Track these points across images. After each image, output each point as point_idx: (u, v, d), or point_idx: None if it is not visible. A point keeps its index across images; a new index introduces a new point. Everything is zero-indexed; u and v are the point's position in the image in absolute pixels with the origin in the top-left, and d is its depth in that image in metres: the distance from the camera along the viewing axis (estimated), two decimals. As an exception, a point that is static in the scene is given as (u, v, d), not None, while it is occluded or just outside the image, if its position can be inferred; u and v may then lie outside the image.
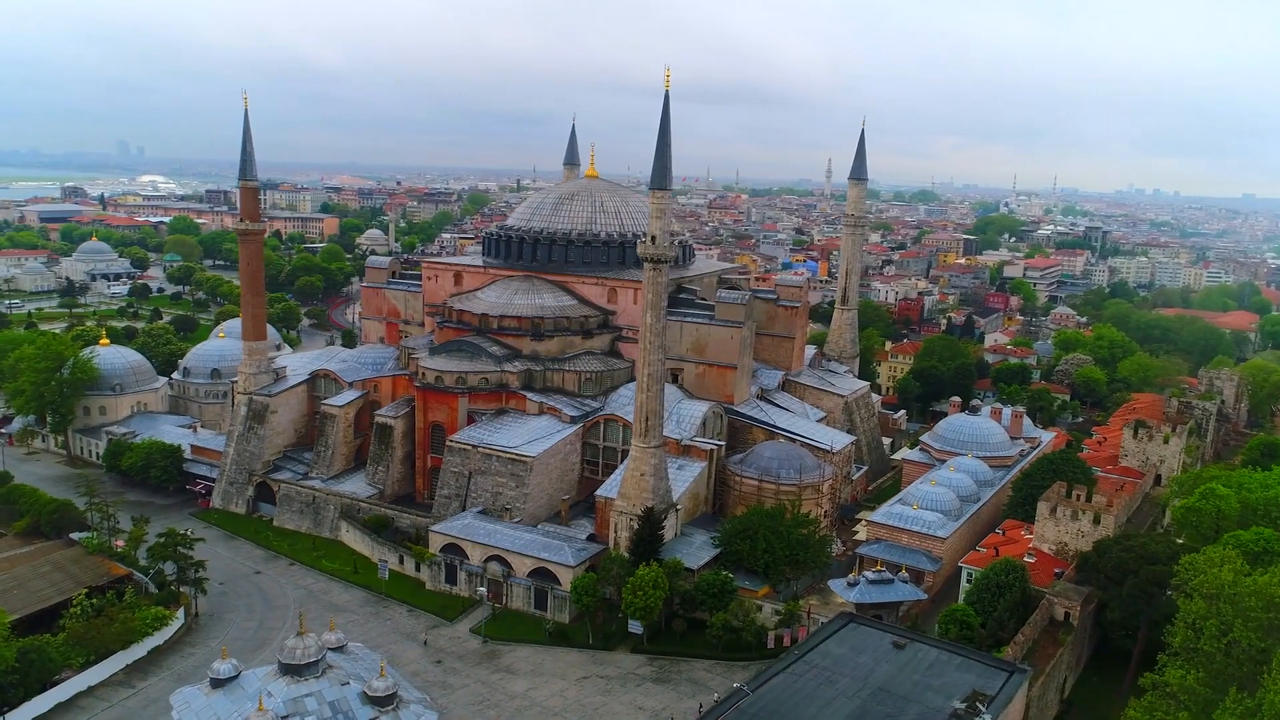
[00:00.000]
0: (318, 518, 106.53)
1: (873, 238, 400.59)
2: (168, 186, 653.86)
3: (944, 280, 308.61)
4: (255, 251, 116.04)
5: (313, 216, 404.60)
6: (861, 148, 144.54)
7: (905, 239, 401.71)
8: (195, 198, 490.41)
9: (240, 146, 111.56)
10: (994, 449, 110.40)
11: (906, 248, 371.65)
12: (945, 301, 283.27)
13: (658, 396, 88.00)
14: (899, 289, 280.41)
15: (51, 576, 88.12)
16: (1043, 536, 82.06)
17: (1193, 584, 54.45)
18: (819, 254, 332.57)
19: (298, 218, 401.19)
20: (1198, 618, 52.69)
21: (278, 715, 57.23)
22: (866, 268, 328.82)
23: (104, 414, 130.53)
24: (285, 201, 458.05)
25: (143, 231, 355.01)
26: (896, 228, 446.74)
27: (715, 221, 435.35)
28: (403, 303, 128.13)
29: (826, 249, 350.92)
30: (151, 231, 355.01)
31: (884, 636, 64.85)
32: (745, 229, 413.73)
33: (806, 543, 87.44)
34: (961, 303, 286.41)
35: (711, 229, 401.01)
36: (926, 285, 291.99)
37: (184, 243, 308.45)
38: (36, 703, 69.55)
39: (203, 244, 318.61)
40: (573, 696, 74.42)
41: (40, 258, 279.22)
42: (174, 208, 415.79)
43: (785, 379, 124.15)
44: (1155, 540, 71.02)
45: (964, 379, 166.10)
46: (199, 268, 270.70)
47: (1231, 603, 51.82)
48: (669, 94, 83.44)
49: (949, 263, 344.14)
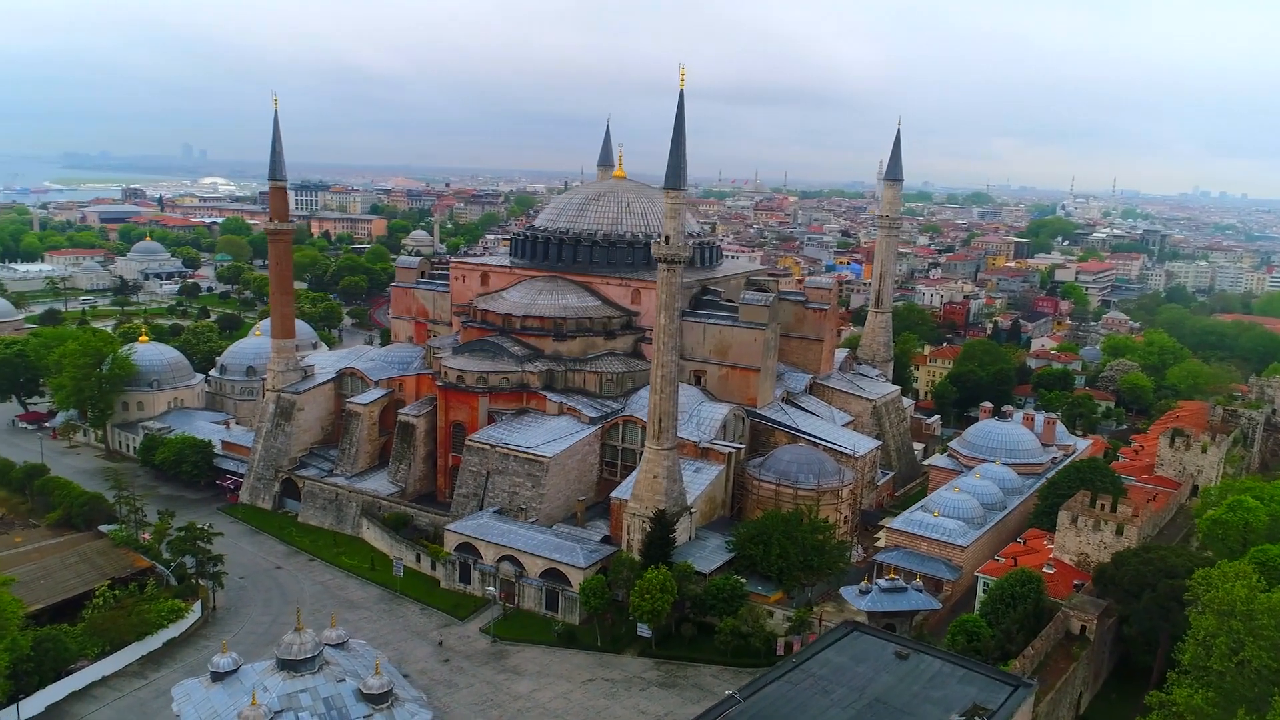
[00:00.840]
0: (340, 514, 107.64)
1: (920, 240, 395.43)
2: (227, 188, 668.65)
3: (992, 284, 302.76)
4: (284, 251, 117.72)
5: (361, 218, 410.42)
6: (897, 148, 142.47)
7: (954, 242, 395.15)
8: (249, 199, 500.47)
9: (270, 147, 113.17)
10: (1024, 456, 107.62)
11: (954, 250, 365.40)
12: (992, 305, 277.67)
13: (671, 398, 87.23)
14: (944, 292, 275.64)
15: (78, 567, 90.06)
16: (1063, 547, 79.61)
17: (1204, 599, 52.21)
18: (864, 257, 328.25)
19: (347, 219, 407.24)
20: (1208, 635, 50.57)
21: (271, 710, 57.66)
22: (912, 270, 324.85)
23: (141, 409, 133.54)
24: (336, 203, 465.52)
25: (196, 232, 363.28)
26: (946, 230, 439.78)
27: (760, 223, 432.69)
28: (431, 302, 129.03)
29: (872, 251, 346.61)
30: (205, 232, 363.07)
31: (887, 646, 63.18)
32: (790, 231, 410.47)
33: (822, 548, 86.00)
34: (1009, 307, 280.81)
35: (756, 231, 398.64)
36: (973, 289, 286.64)
37: (235, 243, 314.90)
38: (51, 691, 71.02)
39: (253, 244, 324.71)
40: (576, 699, 73.98)
41: (97, 257, 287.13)
42: (228, 208, 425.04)
43: (813, 382, 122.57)
44: (1176, 553, 68.38)
45: (1003, 384, 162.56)
46: (247, 267, 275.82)
47: (1244, 620, 49.53)
48: (684, 93, 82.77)
49: (998, 266, 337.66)
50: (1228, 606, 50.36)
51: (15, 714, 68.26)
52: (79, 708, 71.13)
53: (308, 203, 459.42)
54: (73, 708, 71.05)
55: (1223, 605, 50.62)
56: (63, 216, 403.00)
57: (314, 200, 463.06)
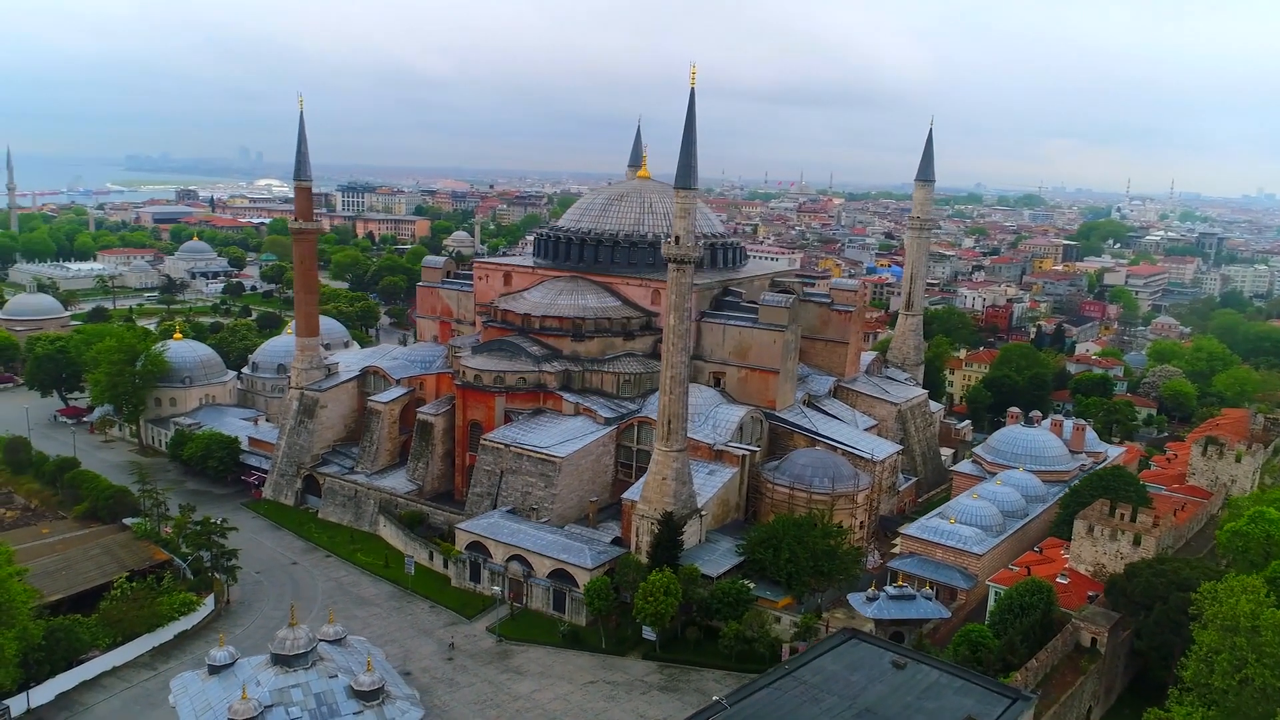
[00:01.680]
0: (358, 511, 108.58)
1: (965, 243, 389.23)
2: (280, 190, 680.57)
3: (1037, 287, 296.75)
4: (308, 250, 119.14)
5: (405, 219, 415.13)
6: (929, 149, 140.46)
7: (1000, 244, 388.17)
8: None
9: (295, 148, 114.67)
10: (1050, 463, 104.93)
11: (1000, 253, 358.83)
12: (1036, 309, 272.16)
13: (681, 399, 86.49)
14: (986, 295, 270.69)
15: (99, 559, 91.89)
16: (1079, 557, 77.29)
17: (1208, 613, 50.16)
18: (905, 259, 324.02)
19: (391, 219, 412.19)
20: (1210, 651, 48.51)
21: (262, 704, 58.10)
22: (955, 273, 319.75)
23: (174, 405, 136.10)
24: (382, 204, 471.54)
25: (245, 232, 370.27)
26: (993, 233, 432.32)
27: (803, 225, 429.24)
28: (455, 302, 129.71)
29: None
30: (253, 232, 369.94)
31: (885, 655, 61.76)
32: (833, 233, 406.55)
33: (833, 554, 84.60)
34: (1054, 311, 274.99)
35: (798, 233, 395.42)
36: (1017, 292, 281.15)
37: (280, 243, 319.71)
38: (61, 679, 72.42)
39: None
40: (576, 701, 73.59)
41: (147, 256, 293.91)
42: (277, 209, 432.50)
43: (837, 385, 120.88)
44: (1190, 565, 65.93)
45: (1039, 389, 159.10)
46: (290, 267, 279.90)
47: (1248, 637, 47.47)
48: (694, 91, 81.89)
49: (1045, 269, 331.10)
50: (1231, 622, 48.32)
51: (25, 701, 69.74)
52: (88, 697, 72.43)
53: (354, 204, 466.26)
54: (82, 697, 72.37)
55: (1226, 621, 48.58)
56: (118, 217, 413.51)
57: (360, 201, 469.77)
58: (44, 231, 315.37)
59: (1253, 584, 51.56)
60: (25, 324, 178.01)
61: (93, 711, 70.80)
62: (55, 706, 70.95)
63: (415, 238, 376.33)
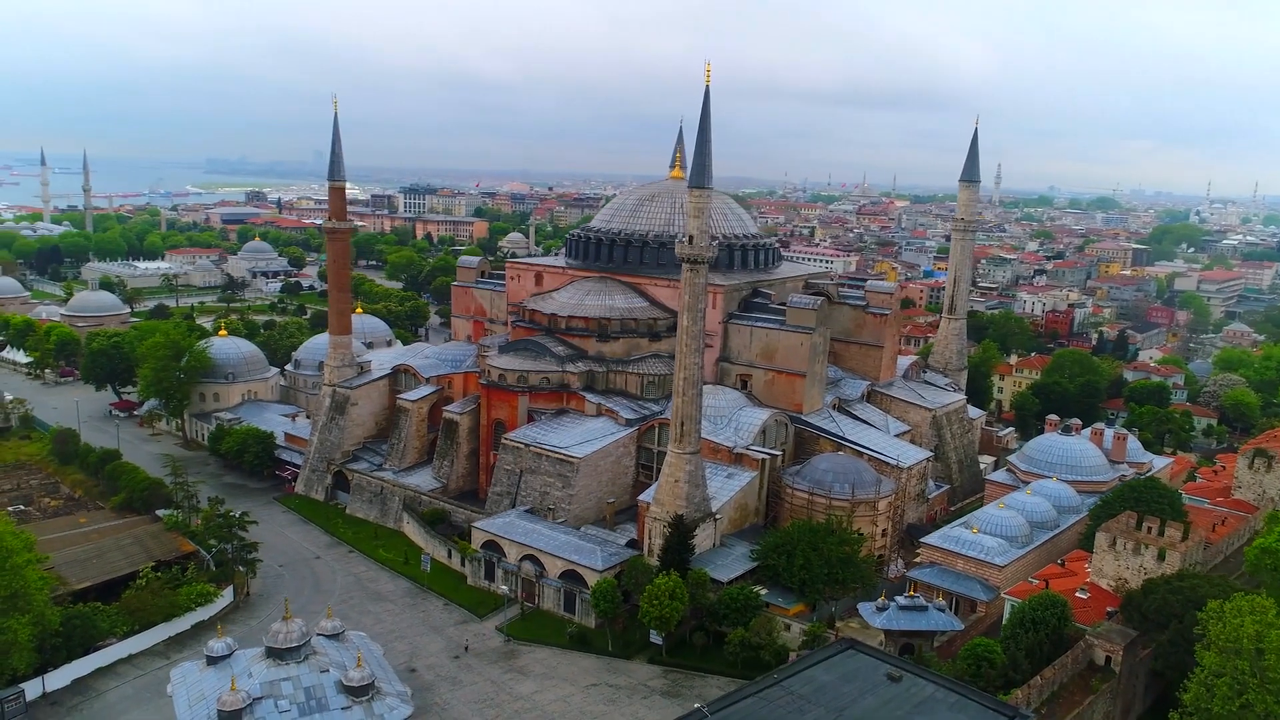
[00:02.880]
0: (384, 508, 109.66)
1: (1029, 246, 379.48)
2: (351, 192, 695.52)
3: (1101, 292, 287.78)
4: (342, 249, 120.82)
5: (464, 220, 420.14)
6: (974, 149, 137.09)
7: (1066, 248, 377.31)
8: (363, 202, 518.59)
9: (330, 148, 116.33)
10: (1086, 473, 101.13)
11: (1065, 257, 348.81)
12: (1099, 315, 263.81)
13: (694, 401, 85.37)
14: (1047, 300, 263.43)
15: (129, 549, 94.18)
16: (1101, 571, 74.06)
17: (1211, 634, 47.41)
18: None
19: (450, 221, 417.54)
20: (1211, 673, 45.83)
21: (251, 696, 58.71)
22: (1016, 277, 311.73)
23: (217, 400, 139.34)
24: (442, 206, 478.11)
25: (307, 233, 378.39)
26: (1060, 236, 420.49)
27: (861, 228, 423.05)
28: (489, 301, 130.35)
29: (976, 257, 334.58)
30: (315, 233, 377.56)
31: (881, 666, 59.85)
32: (892, 235, 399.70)
33: (849, 562, 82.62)
34: (1119, 316, 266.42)
35: (856, 235, 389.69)
36: (1079, 296, 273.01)
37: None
38: (77, 665, 74.34)
39: (357, 245, 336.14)
40: (575, 703, 73.00)
41: (212, 256, 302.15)
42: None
43: (871, 389, 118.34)
44: (1211, 583, 62.55)
45: (1090, 397, 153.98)
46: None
47: (1251, 660, 44.73)
48: (709, 89, 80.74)
49: (1111, 273, 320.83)
50: (1234, 644, 45.55)
51: (41, 685, 71.73)
52: (102, 683, 74.19)
53: (416, 206, 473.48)
54: (96, 683, 74.15)
55: (1229, 643, 45.82)
56: (189, 218, 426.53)
57: (422, 203, 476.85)
58: (116, 231, 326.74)
59: (1261, 605, 48.55)
60: (87, 320, 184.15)
61: (104, 698, 72.45)
62: (70, 691, 72.81)
63: (473, 239, 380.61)
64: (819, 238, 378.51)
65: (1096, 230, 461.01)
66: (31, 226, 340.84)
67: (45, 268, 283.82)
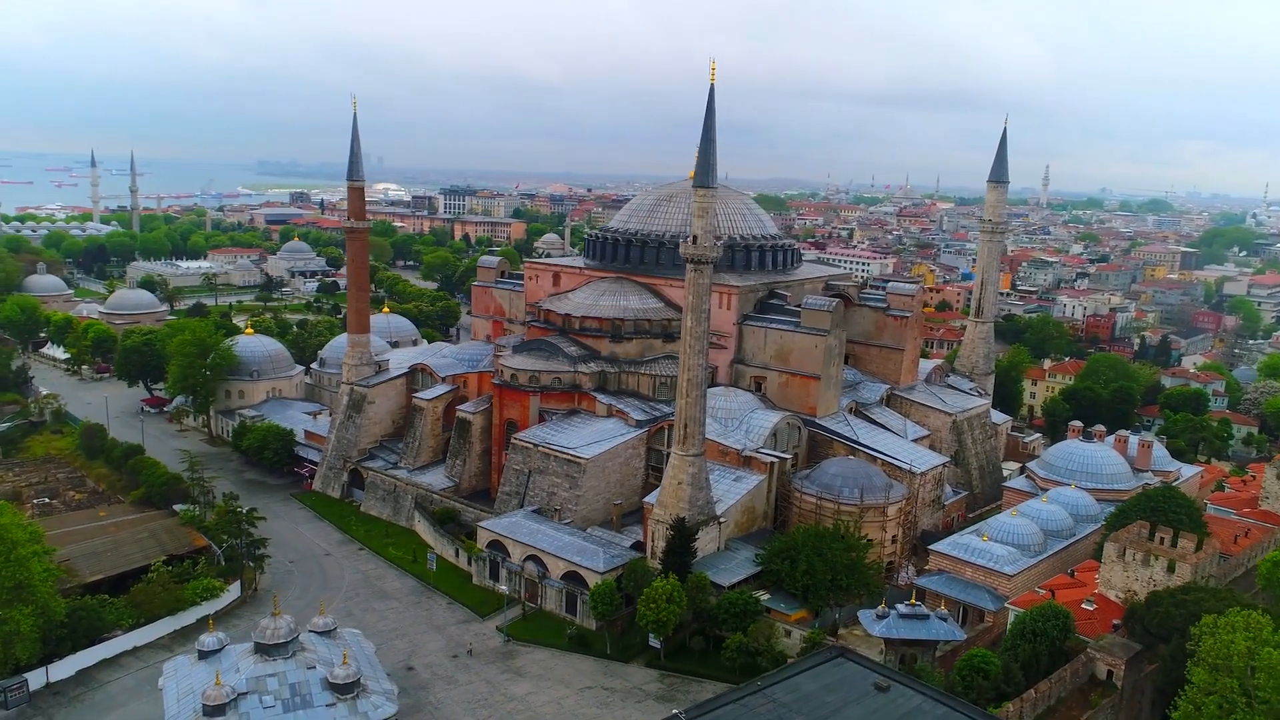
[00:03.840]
0: (397, 506, 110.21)
1: (1074, 249, 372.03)
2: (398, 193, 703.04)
3: (1146, 296, 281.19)
4: (361, 249, 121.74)
5: (502, 221, 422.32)
6: (1003, 148, 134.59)
7: (1112, 250, 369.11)
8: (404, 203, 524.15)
9: (349, 148, 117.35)
10: (1107, 481, 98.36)
11: (1109, 260, 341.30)
12: (1143, 319, 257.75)
13: (697, 403, 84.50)
14: (1088, 304, 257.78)
15: (144, 543, 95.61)
16: (1109, 582, 71.78)
17: (1201, 649, 45.53)
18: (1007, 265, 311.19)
19: (488, 222, 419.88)
20: (1199, 690, 43.99)
21: (236, 691, 59.11)
22: (1058, 280, 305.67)
23: (242, 397, 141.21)
24: (481, 207, 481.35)
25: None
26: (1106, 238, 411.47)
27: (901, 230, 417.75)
28: (507, 301, 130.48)
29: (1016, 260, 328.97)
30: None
31: (870, 676, 58.61)
32: (932, 237, 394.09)
33: (853, 568, 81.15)
34: (1164, 321, 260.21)
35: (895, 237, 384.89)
36: (1121, 301, 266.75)
37: (377, 244, 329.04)
38: (81, 656, 75.51)
39: (395, 245, 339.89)
40: (568, 705, 72.54)
41: (252, 256, 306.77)
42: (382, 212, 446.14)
43: (890, 393, 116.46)
44: (1218, 596, 60.10)
45: (1123, 403, 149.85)
46: (383, 267, 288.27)
47: (1240, 678, 42.85)
48: (714, 88, 79.96)
49: (1157, 277, 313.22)
50: (1223, 661, 43.65)
51: (45, 675, 72.95)
52: (105, 674, 75.26)
53: (455, 207, 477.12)
54: (99, 674, 75.25)
55: (1218, 659, 43.93)
56: (235, 218, 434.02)
57: (461, 204, 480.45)
58: (161, 231, 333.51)
59: (1257, 621, 46.48)
60: (123, 318, 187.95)
61: (106, 689, 73.48)
62: (73, 682, 73.96)
63: (511, 240, 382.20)
64: (857, 239, 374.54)
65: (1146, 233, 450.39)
66: (81, 226, 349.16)
67: (92, 266, 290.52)
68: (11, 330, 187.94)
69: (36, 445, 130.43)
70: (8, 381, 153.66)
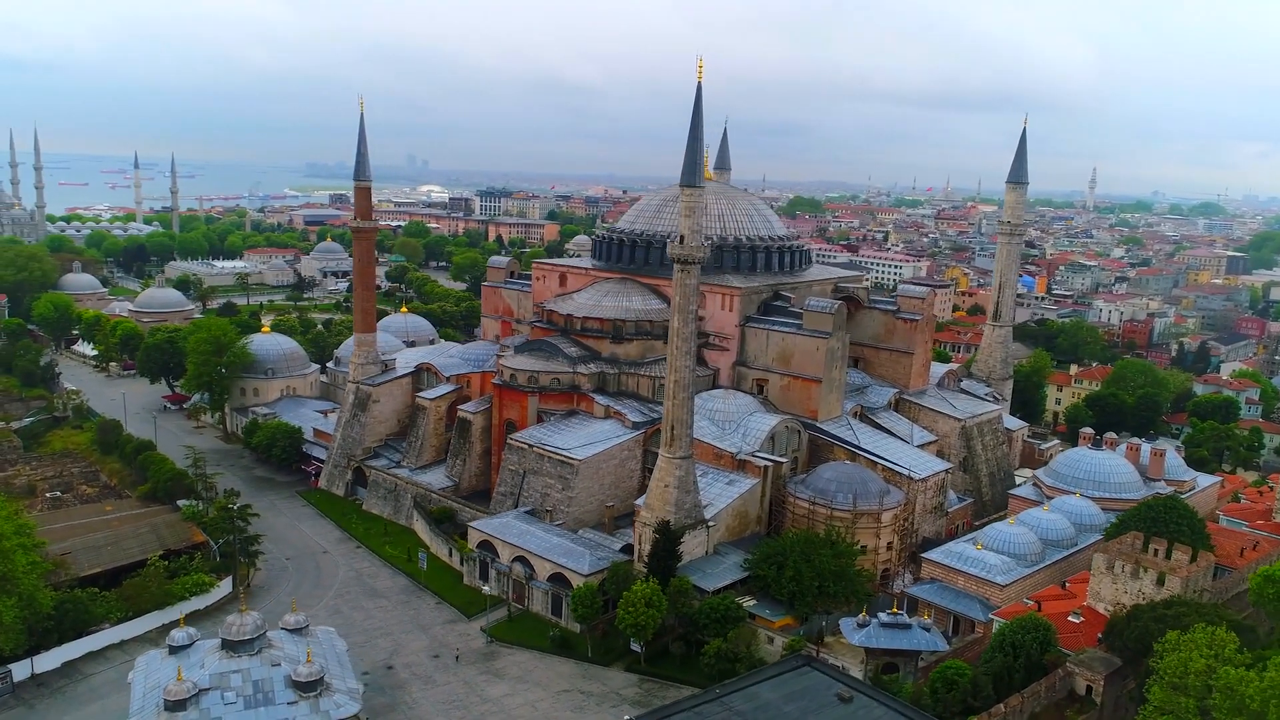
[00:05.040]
0: (397, 504, 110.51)
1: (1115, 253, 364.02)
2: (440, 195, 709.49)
3: (1187, 301, 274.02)
4: (367, 248, 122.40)
5: (535, 223, 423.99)
6: (1022, 149, 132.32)
7: (1155, 254, 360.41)
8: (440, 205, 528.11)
9: (355, 149, 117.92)
10: (1115, 490, 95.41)
11: (1150, 264, 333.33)
12: (1182, 325, 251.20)
13: (684, 405, 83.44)
14: (1125, 309, 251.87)
15: (144, 537, 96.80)
16: (1097, 594, 69.39)
17: (1160, 666, 43.60)
18: (1042, 269, 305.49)
19: (522, 223, 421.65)
20: (1155, 709, 42.11)
21: (199, 686, 59.26)
22: (1096, 284, 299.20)
23: (257, 395, 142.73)
24: (516, 209, 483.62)
25: (382, 234, 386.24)
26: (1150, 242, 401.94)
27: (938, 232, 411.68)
28: (516, 302, 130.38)
29: (1054, 264, 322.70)
30: (389, 234, 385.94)
31: (835, 686, 57.31)
32: (969, 241, 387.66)
33: (841, 574, 79.56)
34: (1205, 327, 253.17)
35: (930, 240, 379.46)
36: (1160, 306, 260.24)
37: (409, 245, 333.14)
38: (68, 648, 76.52)
39: (427, 247, 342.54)
40: (543, 708, 71.94)
41: (287, 256, 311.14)
42: (418, 213, 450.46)
43: (899, 397, 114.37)
44: (1201, 610, 57.56)
45: (1148, 410, 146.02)
46: (413, 268, 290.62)
47: (1197, 698, 40.93)
48: (701, 86, 79.09)
49: (1200, 282, 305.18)
50: (1180, 680, 41.71)
51: (30, 667, 74.01)
52: (90, 666, 76.16)
53: (491, 208, 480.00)
54: (85, 666, 76.17)
55: (1174, 677, 41.99)
56: (274, 219, 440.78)
57: (497, 206, 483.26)
58: (199, 232, 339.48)
59: (1221, 638, 44.35)
60: (151, 316, 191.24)
61: (89, 681, 74.33)
62: (58, 674, 74.93)
63: (544, 241, 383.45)
64: (892, 242, 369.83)
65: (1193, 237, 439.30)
66: (123, 227, 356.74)
67: (131, 266, 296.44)
68: (45, 327, 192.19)
69: (57, 440, 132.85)
70: (36, 377, 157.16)
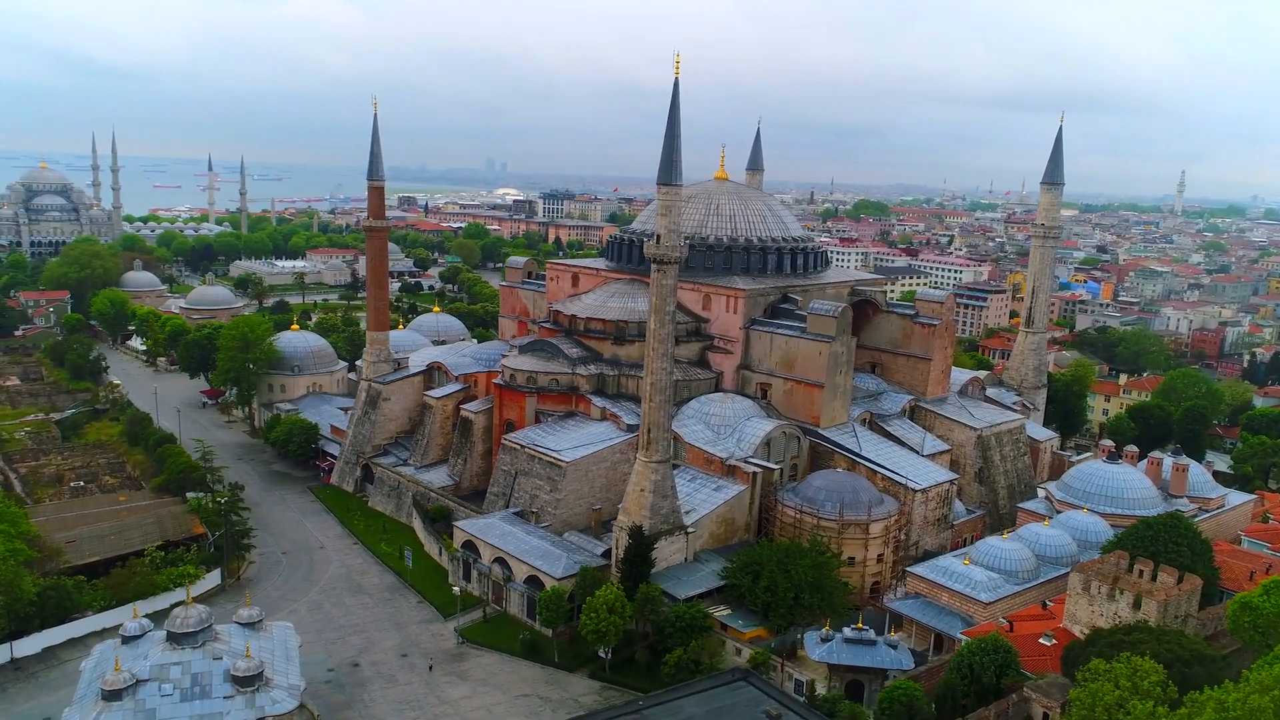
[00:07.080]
0: (399, 502, 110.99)
1: (1193, 259, 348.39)
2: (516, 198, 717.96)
3: (1265, 310, 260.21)
4: (380, 248, 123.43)
5: (594, 225, 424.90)
6: (1058, 149, 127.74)
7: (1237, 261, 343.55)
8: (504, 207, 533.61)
9: (369, 149, 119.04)
10: (1128, 506, 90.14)
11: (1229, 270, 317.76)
12: (1257, 334, 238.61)
13: (662, 407, 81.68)
14: (1195, 316, 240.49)
15: (148, 528, 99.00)
16: (1073, 616, 65.32)
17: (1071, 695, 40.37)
18: (1110, 275, 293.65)
19: (581, 225, 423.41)
20: (1064, 744, 39.01)
21: (136, 677, 59.80)
22: (1168, 291, 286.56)
23: (283, 391, 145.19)
24: (578, 211, 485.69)
25: (443, 235, 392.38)
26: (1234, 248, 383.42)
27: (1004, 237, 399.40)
28: (531, 302, 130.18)
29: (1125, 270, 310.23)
30: (450, 235, 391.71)
31: (765, 703, 55.09)
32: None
33: (818, 585, 76.76)
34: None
35: (996, 244, 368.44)
36: (1235, 314, 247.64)
37: (466, 246, 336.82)
38: (49, 634, 78.39)
39: (485, 248, 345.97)
40: (499, 713, 71.00)
41: (346, 256, 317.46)
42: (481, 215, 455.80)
43: (914, 404, 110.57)
44: (1163, 638, 53.34)
45: (1194, 423, 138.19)
46: (466, 269, 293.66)
47: (1106, 732, 37.78)
48: (678, 82, 77.31)
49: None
50: (1088, 713, 38.51)
51: (9, 651, 76.00)
52: (69, 652, 77.67)
53: (553, 210, 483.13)
54: (64, 652, 77.80)
55: (1083, 710, 38.79)
56: (343, 221, 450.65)
57: (559, 208, 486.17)
58: (265, 232, 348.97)
59: (1144, 669, 40.79)
60: (200, 312, 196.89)
61: (65, 667, 75.77)
62: (37, 659, 76.78)
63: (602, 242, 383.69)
64: (956, 246, 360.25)
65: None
66: (195, 227, 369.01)
67: (199, 265, 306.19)
68: (102, 323, 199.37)
69: (92, 432, 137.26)
70: (84, 370, 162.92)
